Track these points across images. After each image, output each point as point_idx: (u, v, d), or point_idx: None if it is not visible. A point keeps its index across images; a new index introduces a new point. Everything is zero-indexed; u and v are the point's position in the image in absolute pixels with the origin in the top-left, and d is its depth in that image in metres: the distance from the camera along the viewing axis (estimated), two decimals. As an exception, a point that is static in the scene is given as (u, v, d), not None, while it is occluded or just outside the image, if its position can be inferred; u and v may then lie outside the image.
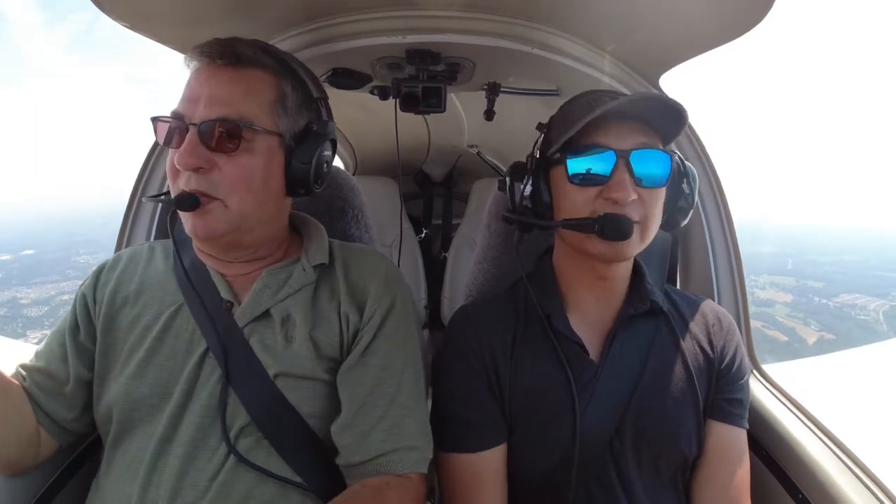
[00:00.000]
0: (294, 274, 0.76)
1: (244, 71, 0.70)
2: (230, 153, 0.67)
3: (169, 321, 0.73)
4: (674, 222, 0.80)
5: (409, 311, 0.79)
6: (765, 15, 0.79)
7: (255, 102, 0.69)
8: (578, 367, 0.76)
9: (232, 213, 0.69)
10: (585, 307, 0.80)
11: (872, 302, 34.34)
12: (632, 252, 0.73)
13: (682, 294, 0.88)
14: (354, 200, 1.04)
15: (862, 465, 0.78)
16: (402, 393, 0.73)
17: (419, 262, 2.30)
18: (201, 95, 0.68)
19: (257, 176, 0.70)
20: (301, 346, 0.71)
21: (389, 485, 0.68)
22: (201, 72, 0.70)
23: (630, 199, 0.69)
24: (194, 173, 0.67)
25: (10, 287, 28.99)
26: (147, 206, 1.06)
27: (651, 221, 0.73)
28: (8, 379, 0.71)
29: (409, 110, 1.16)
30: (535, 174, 0.78)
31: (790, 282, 39.14)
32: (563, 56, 1.04)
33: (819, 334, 30.88)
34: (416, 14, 0.97)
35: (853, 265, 43.24)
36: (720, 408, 0.79)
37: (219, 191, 0.67)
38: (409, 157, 2.36)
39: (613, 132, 0.71)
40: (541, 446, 0.76)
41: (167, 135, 0.69)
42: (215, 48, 0.69)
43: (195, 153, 0.66)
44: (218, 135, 0.66)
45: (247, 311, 0.73)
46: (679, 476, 0.79)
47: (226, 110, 0.67)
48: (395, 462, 0.69)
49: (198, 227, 0.69)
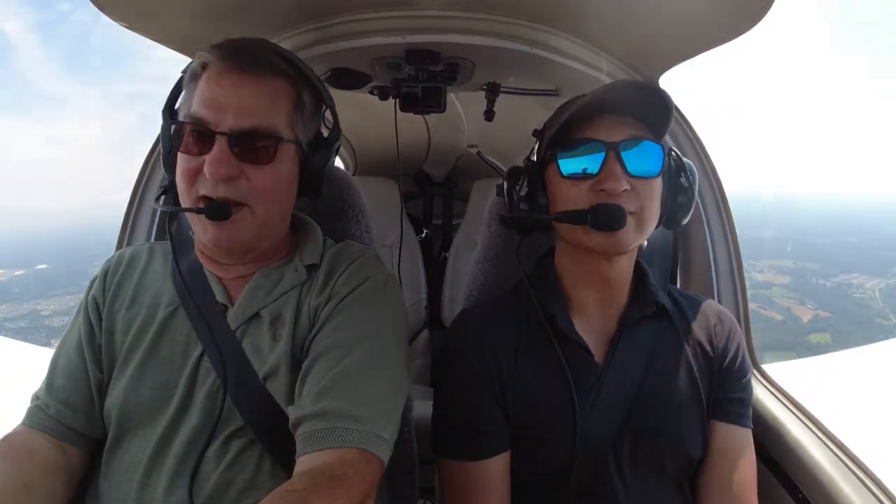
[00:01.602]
0: (286, 274, 0.76)
1: (268, 79, 0.69)
2: (259, 164, 0.68)
3: (165, 324, 0.73)
4: (675, 220, 0.78)
5: (382, 294, 0.76)
6: (764, 14, 0.79)
7: (280, 112, 0.70)
8: (583, 371, 0.76)
9: (258, 219, 0.70)
10: (589, 309, 0.80)
11: (869, 280, 34.49)
12: (629, 243, 0.72)
13: (685, 294, 0.88)
14: (354, 200, 1.04)
15: (862, 465, 0.78)
16: (350, 360, 0.66)
17: (419, 262, 2.30)
18: (228, 103, 0.66)
19: (283, 184, 0.72)
20: (286, 344, 0.71)
21: (317, 474, 0.58)
22: (224, 76, 0.68)
23: (622, 189, 0.69)
24: (222, 182, 0.66)
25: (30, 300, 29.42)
26: (147, 208, 1.06)
27: (647, 212, 0.72)
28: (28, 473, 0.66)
29: (409, 110, 1.16)
30: (530, 175, 0.78)
31: (789, 264, 39.33)
32: (563, 56, 1.04)
33: (814, 312, 31.17)
34: (416, 14, 0.97)
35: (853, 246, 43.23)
36: (723, 407, 0.79)
37: (247, 198, 0.68)
38: (409, 157, 2.36)
39: (603, 126, 0.72)
40: (544, 449, 0.76)
41: (184, 137, 0.68)
42: (239, 52, 0.69)
43: (227, 163, 0.65)
44: (249, 146, 0.67)
45: (239, 314, 0.73)
46: (684, 476, 0.79)
47: (256, 121, 0.67)
48: (327, 435, 0.61)
49: (221, 238, 0.68)
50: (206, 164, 0.66)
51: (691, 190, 0.77)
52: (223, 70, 0.68)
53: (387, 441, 0.65)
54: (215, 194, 0.67)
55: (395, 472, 0.97)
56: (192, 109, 0.68)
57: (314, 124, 0.77)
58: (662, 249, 0.97)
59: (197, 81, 0.70)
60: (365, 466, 0.62)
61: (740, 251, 1.09)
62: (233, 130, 0.66)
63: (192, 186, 0.68)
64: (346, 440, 0.61)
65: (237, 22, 0.96)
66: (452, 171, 2.57)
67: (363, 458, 0.62)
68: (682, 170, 0.77)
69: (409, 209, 2.41)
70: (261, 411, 0.69)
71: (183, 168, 0.69)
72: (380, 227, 1.59)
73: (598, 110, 0.73)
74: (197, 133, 0.67)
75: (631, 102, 0.73)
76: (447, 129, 2.08)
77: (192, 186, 0.68)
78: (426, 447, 0.85)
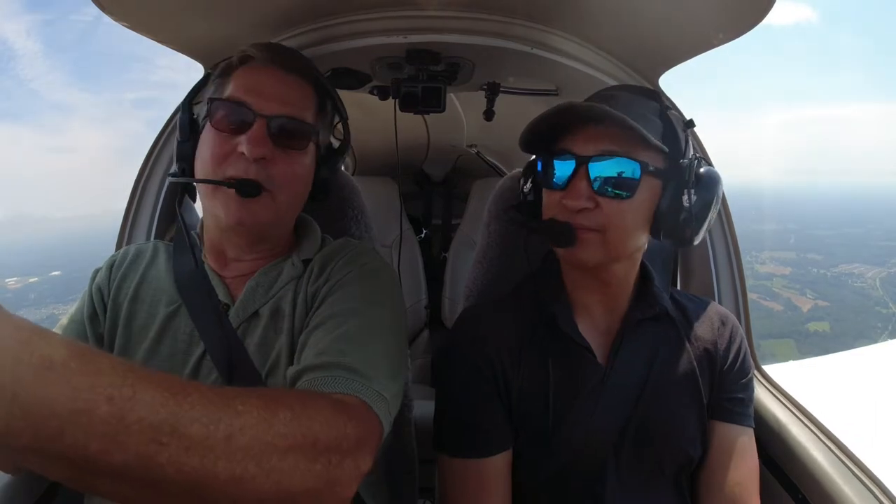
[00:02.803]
0: (285, 270, 0.77)
1: (302, 81, 0.75)
2: (290, 151, 0.72)
3: (167, 322, 0.74)
4: (680, 237, 0.71)
5: (379, 275, 0.76)
6: (765, 15, 0.79)
7: (311, 111, 0.75)
8: (585, 371, 0.76)
9: (278, 206, 0.72)
10: (592, 310, 0.80)
11: (870, 270, 34.64)
12: (591, 260, 0.71)
13: (687, 296, 0.88)
14: (354, 200, 1.04)
15: (862, 465, 0.78)
16: (348, 327, 0.65)
17: (419, 262, 2.30)
18: (271, 92, 0.71)
19: (305, 177, 0.76)
20: (286, 335, 0.72)
21: (318, 395, 0.55)
22: (266, 69, 0.73)
23: (581, 208, 0.68)
24: (255, 163, 0.69)
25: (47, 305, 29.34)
26: (147, 206, 1.06)
27: (615, 233, 0.69)
28: None
29: (409, 110, 1.16)
30: (532, 175, 0.80)
31: (791, 256, 39.53)
32: (563, 56, 1.05)
33: (814, 302, 31.35)
34: (416, 14, 0.97)
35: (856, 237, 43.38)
36: (722, 407, 0.79)
37: (272, 184, 0.70)
38: (409, 156, 2.36)
39: (581, 136, 0.70)
40: (545, 450, 0.76)
41: (227, 118, 0.70)
42: (281, 53, 0.75)
43: (265, 143, 0.69)
44: (286, 132, 0.71)
45: (240, 311, 0.74)
46: (683, 476, 0.79)
47: (295, 111, 0.72)
48: (325, 380, 0.57)
49: (244, 216, 0.69)
50: (243, 144, 0.68)
51: (695, 207, 0.69)
52: (265, 64, 0.73)
53: (386, 401, 0.59)
54: (247, 174, 0.68)
55: (395, 472, 0.97)
56: (232, 94, 0.71)
57: (329, 133, 0.82)
58: (664, 250, 0.97)
59: (230, 74, 0.74)
60: (363, 416, 0.56)
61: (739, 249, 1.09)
62: (274, 115, 0.70)
63: (220, 165, 0.70)
64: (348, 387, 0.57)
65: (238, 22, 0.96)
66: (452, 171, 2.57)
67: (362, 407, 0.56)
68: (688, 185, 0.69)
69: (408, 209, 2.41)
70: None
71: (215, 149, 0.70)
72: (379, 227, 1.59)
73: (583, 119, 0.70)
74: (236, 115, 0.70)
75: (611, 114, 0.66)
76: (447, 129, 2.08)
77: (221, 166, 0.69)
78: (426, 447, 0.85)
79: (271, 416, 0.42)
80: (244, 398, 0.41)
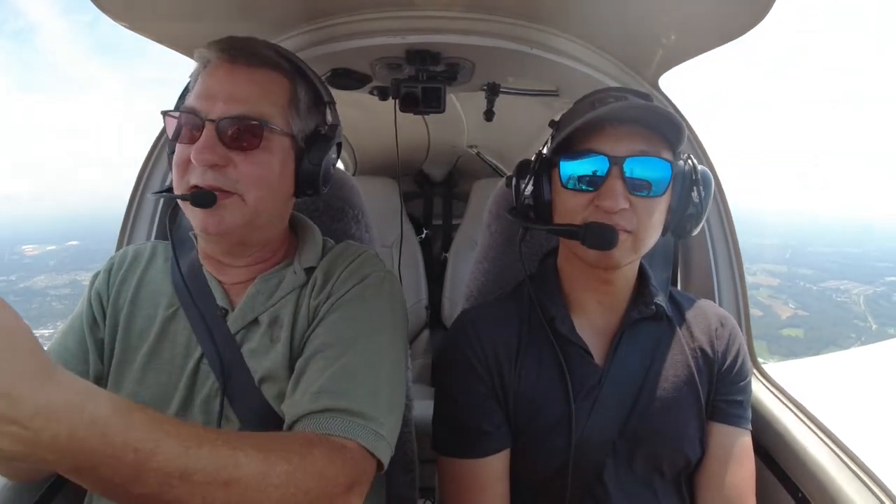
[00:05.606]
0: (286, 277, 0.76)
1: (261, 71, 0.70)
2: (247, 151, 0.67)
3: (166, 326, 0.74)
4: (683, 231, 0.76)
5: (380, 290, 0.75)
6: (764, 15, 0.79)
7: (272, 103, 0.70)
8: (583, 372, 0.76)
9: (249, 207, 0.68)
10: (590, 310, 0.80)
11: (857, 287, 35.54)
12: (622, 261, 0.71)
13: (686, 296, 0.88)
14: (354, 200, 1.04)
15: (862, 464, 0.78)
16: (347, 359, 0.66)
17: (420, 262, 2.31)
18: (219, 92, 0.67)
19: (273, 174, 0.70)
20: (283, 346, 0.71)
21: (317, 442, 0.57)
22: (218, 69, 0.69)
23: (619, 209, 0.67)
24: (210, 169, 0.66)
25: (70, 271, 29.29)
26: (148, 206, 1.06)
27: (644, 232, 0.70)
28: None
29: (409, 111, 1.16)
30: (537, 173, 0.77)
31: (782, 269, 40.61)
32: (563, 56, 1.05)
33: (794, 311, 32.59)
34: (416, 14, 0.97)
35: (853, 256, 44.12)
36: (721, 409, 0.79)
37: (237, 186, 0.67)
38: (409, 157, 2.37)
39: (610, 137, 0.69)
40: (544, 450, 0.76)
41: (178, 129, 0.68)
42: (234, 46, 0.69)
43: (213, 149, 0.65)
44: (236, 132, 0.66)
45: (239, 318, 0.73)
46: (682, 478, 0.79)
47: (245, 108, 0.67)
48: (325, 421, 0.60)
49: (209, 224, 0.67)
50: (192, 152, 0.65)
51: (703, 204, 0.74)
52: (218, 63, 0.69)
53: (385, 439, 0.62)
54: (203, 182, 0.66)
55: (395, 472, 0.97)
56: (188, 102, 0.69)
57: (312, 120, 0.75)
58: (664, 251, 0.97)
59: (197, 80, 0.71)
60: (359, 461, 0.59)
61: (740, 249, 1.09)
62: (220, 117, 0.66)
63: (183, 176, 0.68)
64: (347, 430, 0.59)
65: (238, 22, 0.96)
66: (452, 172, 2.57)
67: (360, 452, 0.60)
68: (696, 184, 0.73)
69: (409, 209, 2.41)
70: (256, 415, 0.69)
71: (176, 159, 0.69)
72: (380, 228, 1.60)
73: (609, 119, 0.70)
74: (189, 123, 0.67)
75: (644, 117, 0.70)
76: (447, 129, 2.08)
77: (184, 176, 0.68)
78: (426, 447, 0.85)
79: (269, 469, 0.49)
80: (248, 450, 0.48)
